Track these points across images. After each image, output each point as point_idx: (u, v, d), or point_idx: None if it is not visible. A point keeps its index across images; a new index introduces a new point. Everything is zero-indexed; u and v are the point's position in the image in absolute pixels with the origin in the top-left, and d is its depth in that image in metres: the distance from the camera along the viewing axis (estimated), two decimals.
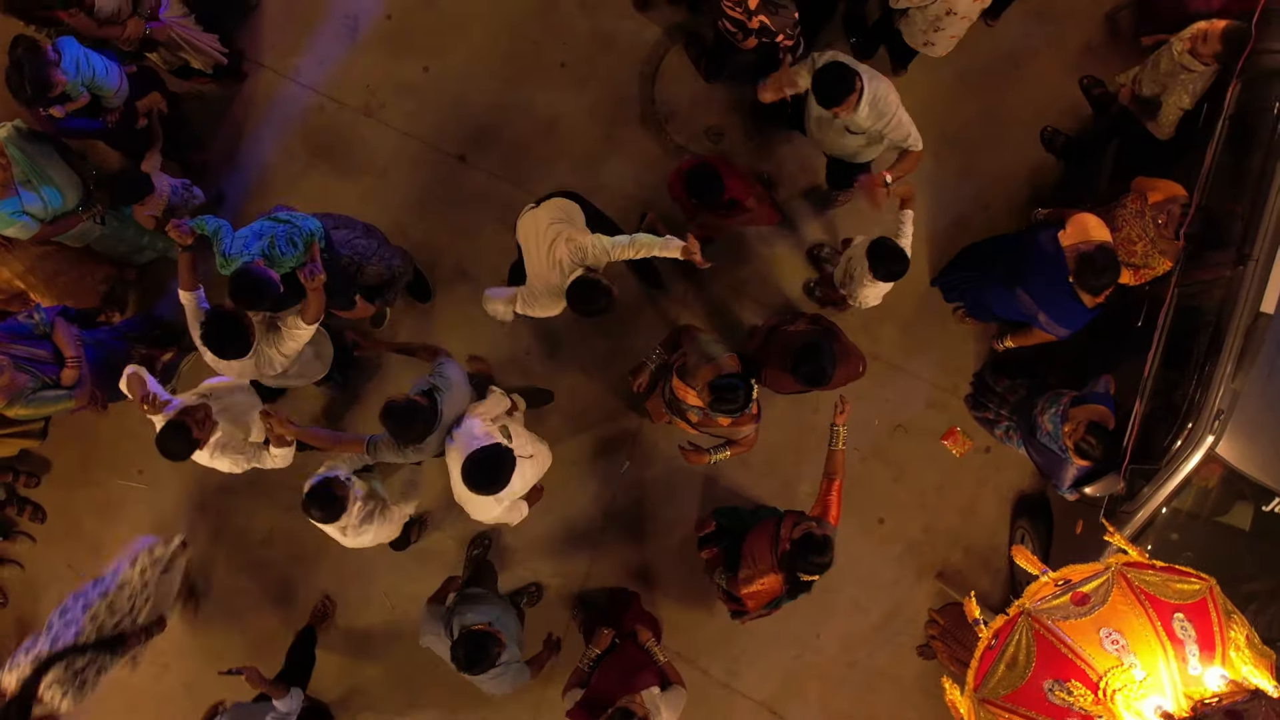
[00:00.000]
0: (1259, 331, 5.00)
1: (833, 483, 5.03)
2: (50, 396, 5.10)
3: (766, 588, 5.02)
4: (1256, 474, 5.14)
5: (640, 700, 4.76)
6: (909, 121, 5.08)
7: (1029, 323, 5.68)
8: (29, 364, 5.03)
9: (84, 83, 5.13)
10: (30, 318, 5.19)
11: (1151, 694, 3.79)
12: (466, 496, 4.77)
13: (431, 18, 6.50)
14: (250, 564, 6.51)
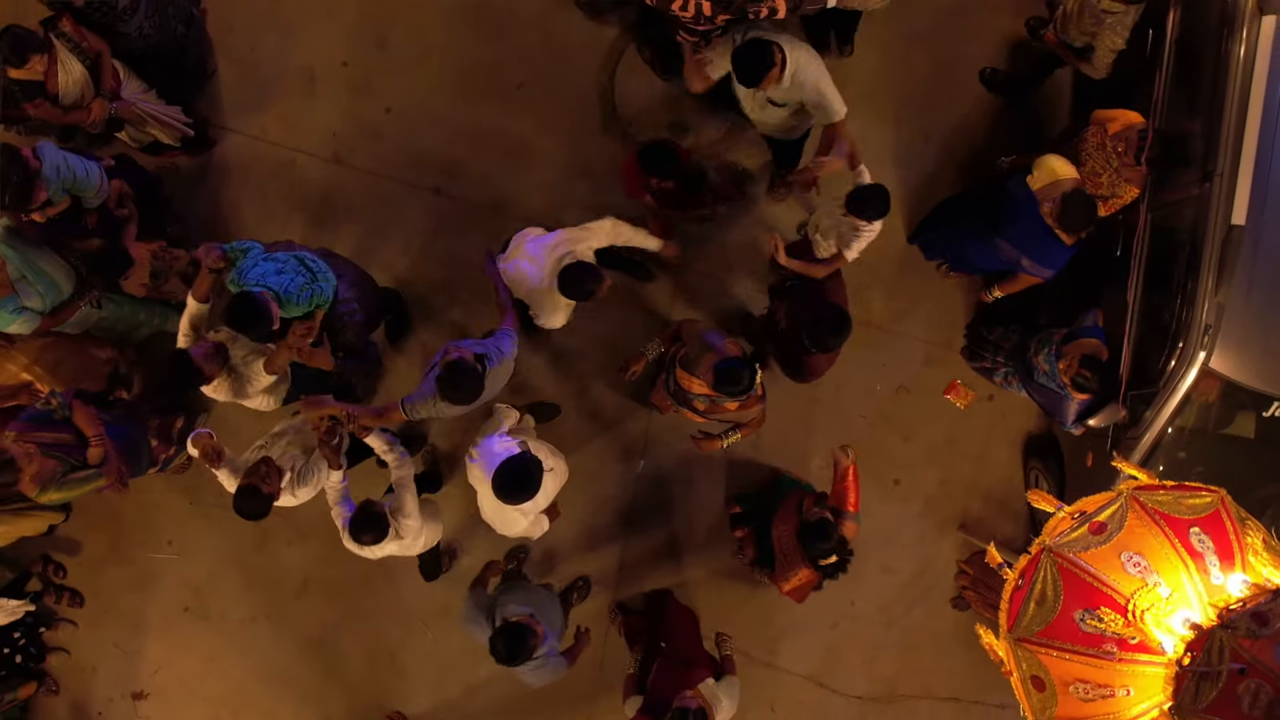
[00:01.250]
0: (1234, 244, 5.10)
1: (846, 473, 5.13)
2: (80, 478, 5.20)
3: (804, 580, 5.14)
4: (1252, 382, 5.26)
5: (699, 693, 4.88)
6: (832, 92, 5.04)
7: (1013, 269, 5.79)
8: (55, 449, 5.12)
9: (65, 187, 5.23)
10: (48, 404, 5.29)
11: (1179, 608, 3.89)
12: (496, 510, 4.87)
13: (386, 58, 6.60)
14: (291, 614, 6.62)
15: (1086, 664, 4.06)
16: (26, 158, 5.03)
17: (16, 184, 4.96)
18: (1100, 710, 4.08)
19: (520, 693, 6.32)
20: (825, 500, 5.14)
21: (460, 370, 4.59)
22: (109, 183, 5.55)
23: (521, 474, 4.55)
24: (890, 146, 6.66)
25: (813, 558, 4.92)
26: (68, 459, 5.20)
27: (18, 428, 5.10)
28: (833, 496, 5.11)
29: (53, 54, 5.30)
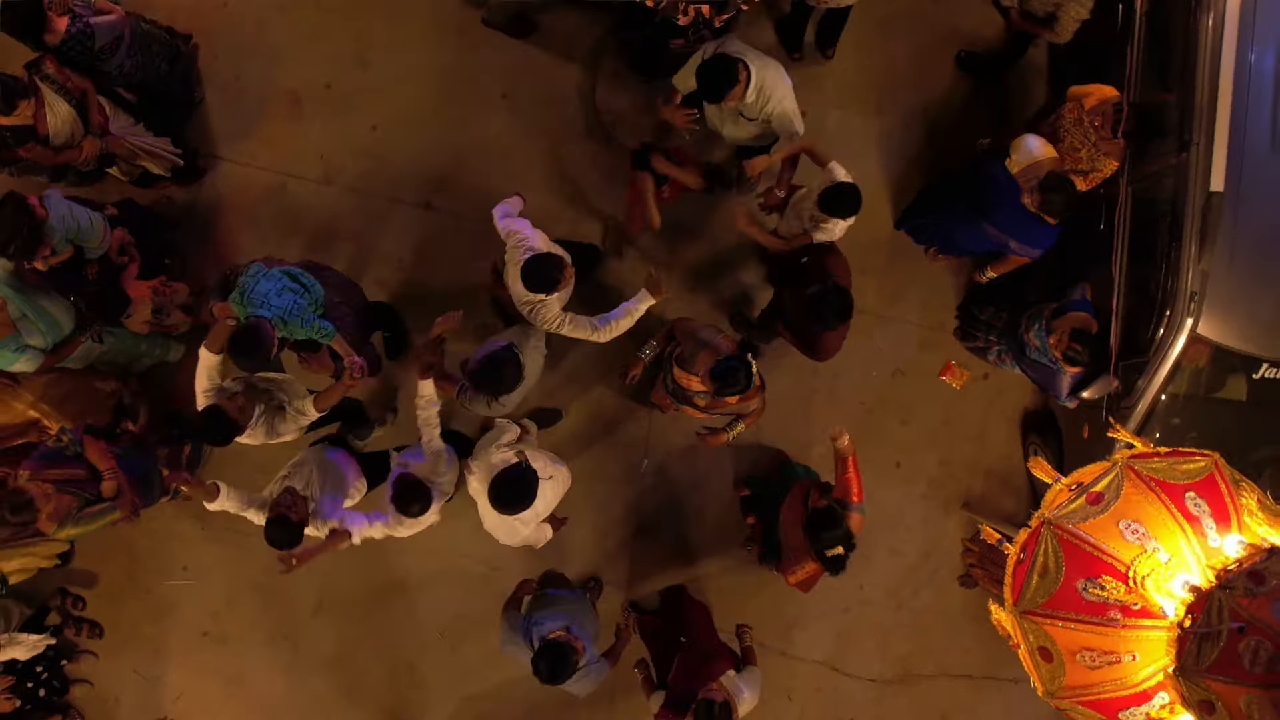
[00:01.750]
0: (1214, 210, 5.18)
1: (846, 463, 5.18)
2: (95, 512, 5.27)
3: (810, 573, 5.20)
4: (1240, 345, 5.33)
5: (721, 686, 4.95)
6: (794, 110, 5.20)
7: (1002, 251, 5.87)
8: (68, 485, 5.20)
9: (69, 237, 5.32)
10: (60, 441, 5.37)
11: (1178, 572, 3.97)
12: (495, 521, 4.95)
13: (369, 77, 6.67)
14: (308, 633, 6.69)
15: (1092, 632, 4.14)
16: (34, 207, 5.12)
17: (24, 233, 5.04)
18: (1108, 676, 4.16)
19: (541, 694, 6.37)
20: (830, 491, 5.21)
21: (494, 362, 4.77)
22: (111, 233, 5.64)
23: (517, 484, 4.62)
24: (872, 135, 6.74)
25: (819, 549, 4.95)
26: (82, 494, 5.28)
27: (31, 466, 5.18)
28: (837, 488, 5.17)
29: (39, 97, 5.37)
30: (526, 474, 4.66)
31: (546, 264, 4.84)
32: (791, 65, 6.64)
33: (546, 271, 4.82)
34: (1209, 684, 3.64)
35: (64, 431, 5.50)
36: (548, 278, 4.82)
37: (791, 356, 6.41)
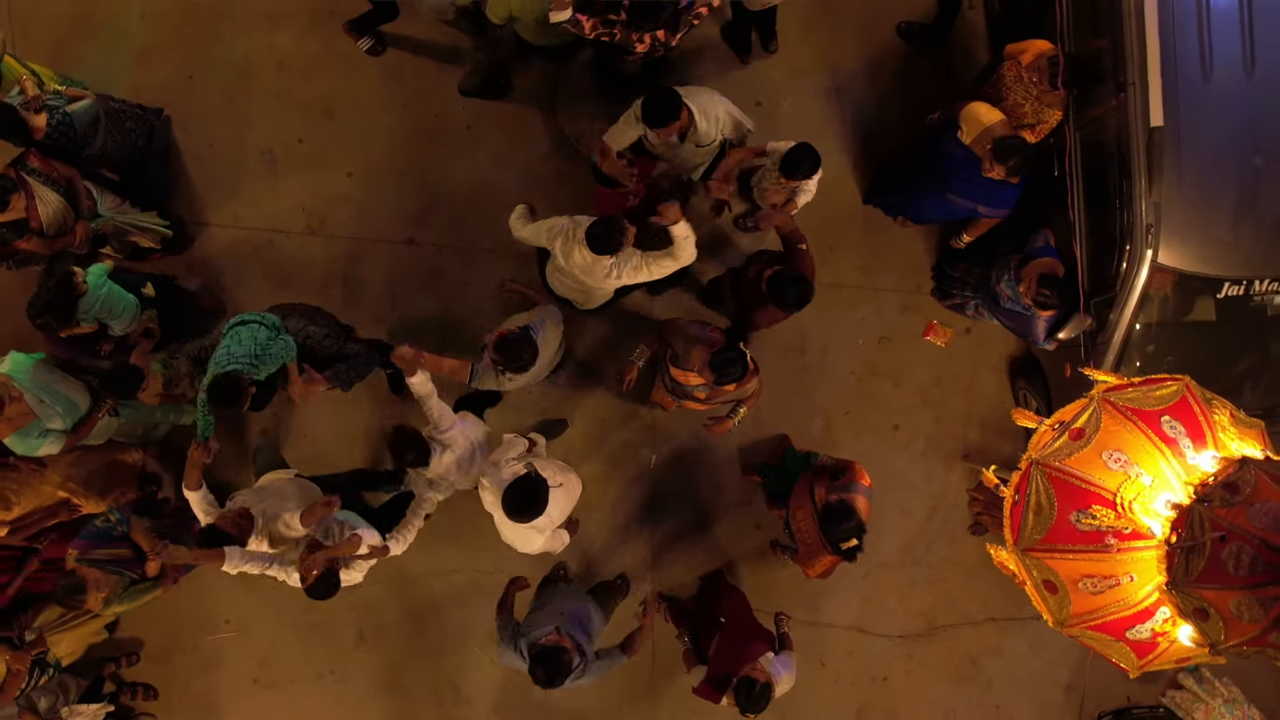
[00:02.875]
0: (1157, 144, 5.42)
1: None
2: (139, 590, 5.53)
3: (828, 565, 5.40)
4: (1201, 268, 5.59)
5: (760, 667, 5.20)
6: (740, 113, 5.47)
7: (974, 217, 6.11)
8: (114, 565, 5.44)
9: (98, 315, 5.56)
10: (107, 520, 5.60)
11: (1161, 493, 4.21)
12: (512, 532, 5.16)
13: (337, 126, 6.89)
14: (353, 666, 6.92)
15: (1090, 560, 4.38)
16: (78, 282, 5.37)
17: (60, 308, 5.32)
18: (1111, 599, 4.40)
19: (582, 695, 6.64)
20: (836, 477, 5.38)
21: (513, 341, 5.03)
22: (140, 316, 5.86)
23: (528, 493, 4.82)
24: (828, 115, 6.99)
25: (834, 542, 5.15)
26: (128, 573, 5.52)
27: (80, 546, 5.43)
28: (844, 476, 5.36)
29: (28, 190, 5.58)
30: (536, 483, 4.87)
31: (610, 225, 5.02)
32: (743, 66, 6.92)
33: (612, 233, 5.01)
34: (1200, 593, 3.89)
35: (112, 512, 5.74)
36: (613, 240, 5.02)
37: (777, 337, 6.70)
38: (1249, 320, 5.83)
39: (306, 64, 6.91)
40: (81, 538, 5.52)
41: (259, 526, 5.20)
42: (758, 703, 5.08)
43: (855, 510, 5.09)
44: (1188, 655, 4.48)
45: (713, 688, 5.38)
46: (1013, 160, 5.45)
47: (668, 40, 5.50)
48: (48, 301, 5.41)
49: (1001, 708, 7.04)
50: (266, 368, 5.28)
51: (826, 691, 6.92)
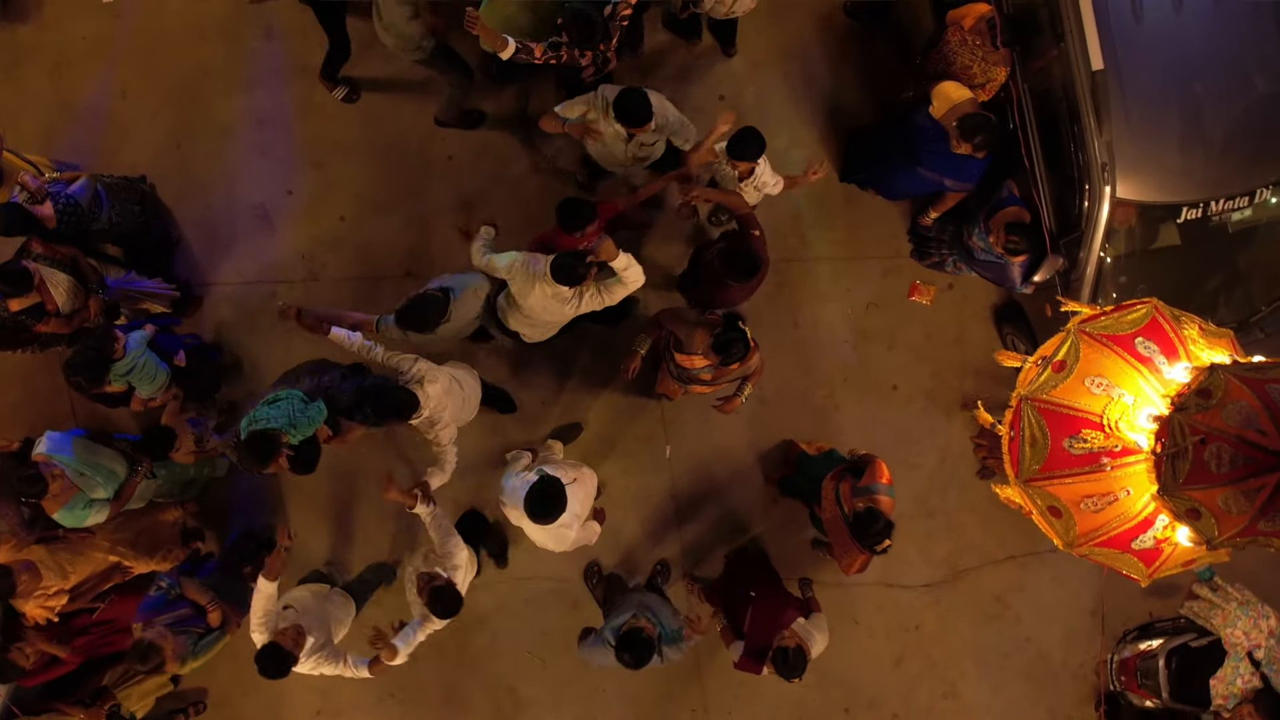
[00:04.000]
0: (1100, 87, 5.72)
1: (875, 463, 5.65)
2: (208, 642, 5.83)
3: (861, 562, 5.66)
4: (1159, 197, 5.89)
5: (793, 633, 5.50)
6: (678, 116, 5.78)
7: (943, 191, 6.41)
8: (179, 625, 5.73)
9: (130, 379, 5.84)
10: (159, 588, 5.89)
11: (1143, 408, 4.52)
12: (543, 535, 5.43)
13: (324, 174, 7.17)
14: (411, 685, 7.20)
15: (1087, 481, 4.70)
16: (118, 346, 5.68)
17: (96, 366, 5.62)
18: (1111, 515, 4.72)
19: (635, 684, 6.93)
20: (859, 481, 5.56)
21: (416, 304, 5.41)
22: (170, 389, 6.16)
23: (545, 494, 5.06)
24: (790, 100, 7.28)
25: (867, 545, 5.40)
26: (193, 630, 5.82)
27: (142, 618, 5.71)
28: (865, 477, 5.58)
29: (39, 275, 5.87)
30: (549, 483, 5.11)
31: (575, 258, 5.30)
32: (693, 51, 7.26)
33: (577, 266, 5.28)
34: (1189, 494, 4.20)
35: (161, 579, 6.02)
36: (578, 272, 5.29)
37: (771, 315, 7.02)
38: (1212, 240, 6.13)
39: (286, 119, 7.20)
40: (142, 610, 5.80)
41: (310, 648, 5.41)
42: (795, 668, 5.36)
43: (882, 513, 5.32)
44: (1191, 557, 4.79)
45: (752, 659, 5.67)
46: (978, 136, 5.76)
47: (607, 51, 5.84)
48: (84, 361, 5.68)
49: (1031, 639, 7.33)
50: (302, 431, 5.48)
51: (863, 647, 7.21)
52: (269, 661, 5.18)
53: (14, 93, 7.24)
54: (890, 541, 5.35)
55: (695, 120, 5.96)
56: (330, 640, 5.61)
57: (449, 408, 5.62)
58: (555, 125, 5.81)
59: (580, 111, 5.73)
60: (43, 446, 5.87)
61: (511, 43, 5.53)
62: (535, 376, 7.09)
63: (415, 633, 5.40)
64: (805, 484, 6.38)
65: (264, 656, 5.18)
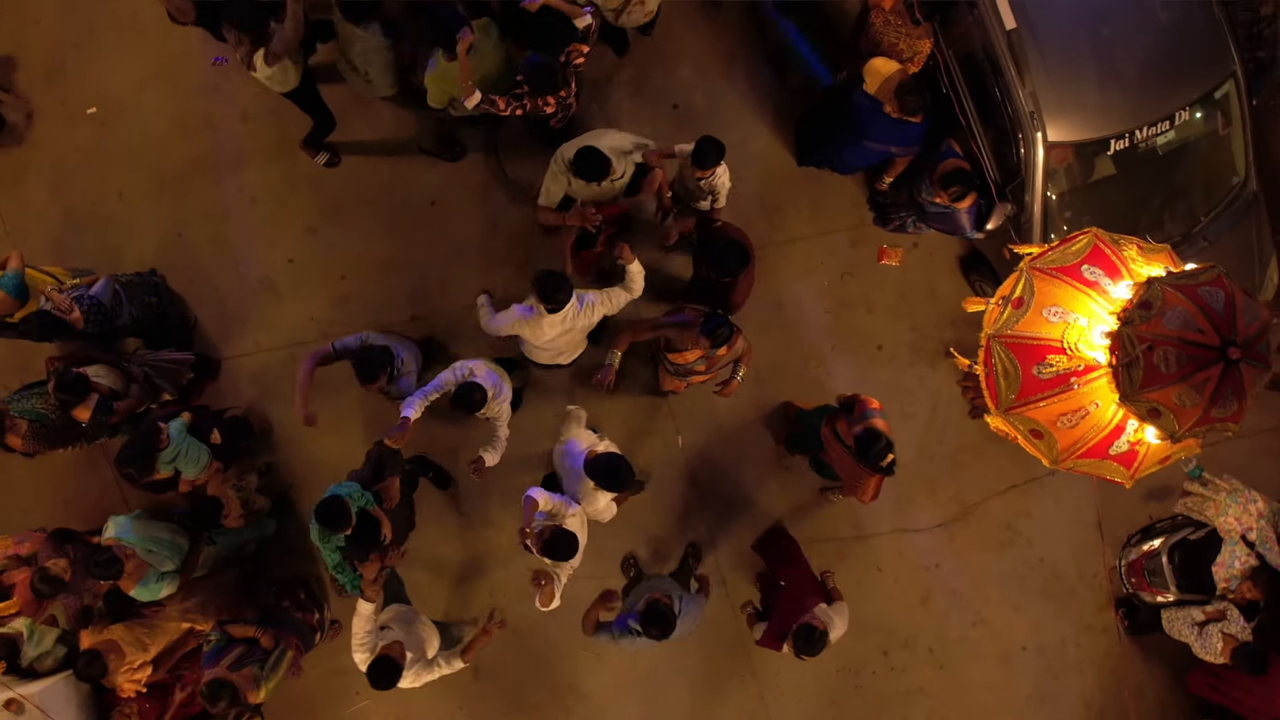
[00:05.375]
0: (1016, 43, 6.25)
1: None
2: (273, 663, 6.30)
3: (873, 485, 6.17)
4: (1087, 134, 6.42)
5: (816, 616, 5.99)
6: (637, 137, 6.26)
7: (888, 158, 6.91)
8: (239, 662, 6.19)
9: (176, 465, 6.30)
10: (209, 641, 6.38)
11: (1096, 327, 5.00)
12: (600, 501, 6.02)
13: (320, 240, 7.65)
14: (478, 697, 7.67)
15: (1059, 401, 5.20)
16: (162, 438, 6.12)
17: (145, 457, 6.07)
18: (1086, 428, 5.22)
19: (683, 659, 7.41)
20: (853, 414, 6.06)
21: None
22: (210, 465, 6.61)
23: (611, 464, 5.72)
24: (739, 97, 7.78)
25: (873, 464, 5.89)
26: (253, 660, 6.28)
27: (206, 669, 6.16)
28: (856, 410, 6.07)
29: (87, 375, 6.35)
30: (613, 457, 5.77)
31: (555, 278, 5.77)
32: (639, 67, 7.75)
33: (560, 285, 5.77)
34: (1147, 396, 4.70)
35: (208, 637, 6.47)
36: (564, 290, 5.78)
37: (754, 301, 7.45)
38: (1145, 164, 6.64)
39: (276, 193, 7.69)
40: (204, 665, 6.26)
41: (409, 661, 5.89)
42: (815, 646, 5.84)
43: (880, 431, 5.83)
44: (1164, 453, 5.29)
45: (774, 638, 6.17)
46: (913, 100, 6.24)
47: (569, 97, 6.36)
48: (133, 454, 6.15)
49: (1044, 559, 7.83)
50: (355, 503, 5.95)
51: (890, 591, 7.70)
52: (381, 673, 5.67)
53: (18, 210, 7.72)
54: (894, 456, 5.84)
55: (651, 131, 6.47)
56: (424, 655, 6.08)
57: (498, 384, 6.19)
58: (554, 217, 6.32)
59: (561, 187, 6.21)
60: (110, 531, 6.34)
61: (477, 93, 6.03)
62: (545, 388, 7.60)
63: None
64: (806, 435, 6.85)
65: (376, 669, 5.67)
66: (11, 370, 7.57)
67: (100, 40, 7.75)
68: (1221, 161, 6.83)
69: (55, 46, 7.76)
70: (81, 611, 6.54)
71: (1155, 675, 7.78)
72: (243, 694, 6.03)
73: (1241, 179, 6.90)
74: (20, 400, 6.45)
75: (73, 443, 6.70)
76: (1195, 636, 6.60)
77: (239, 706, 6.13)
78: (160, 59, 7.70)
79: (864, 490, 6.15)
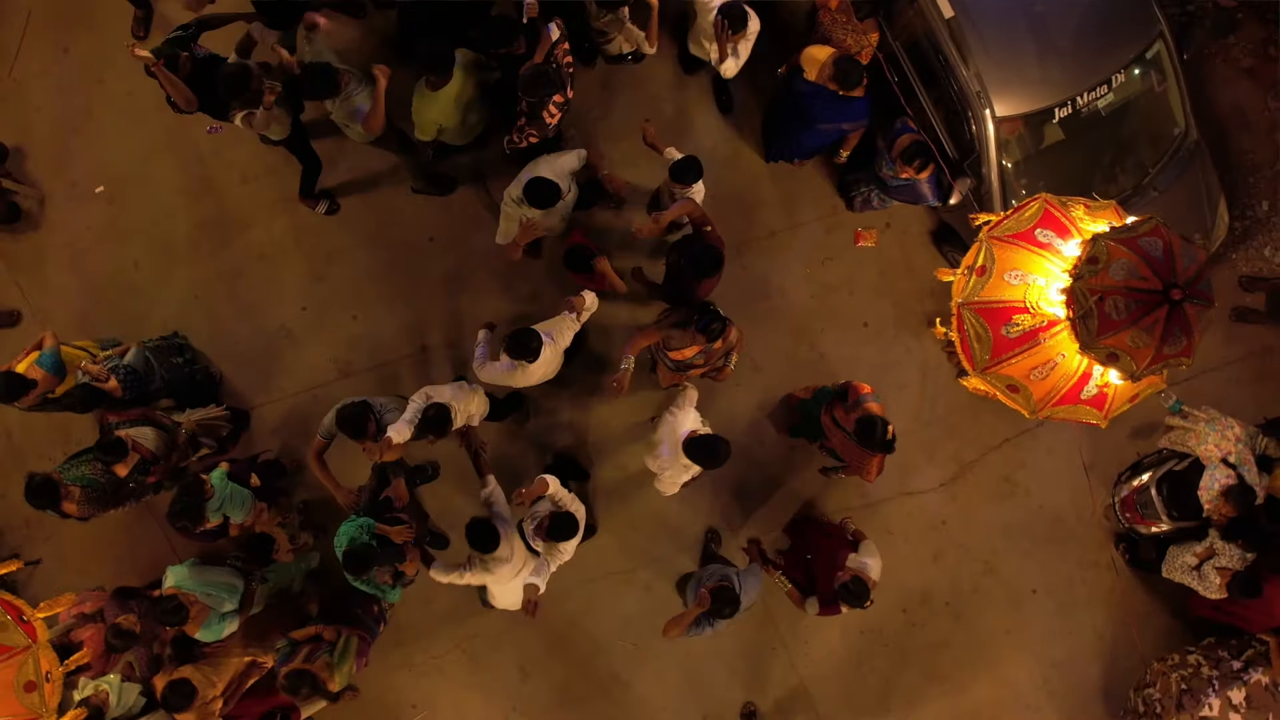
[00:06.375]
0: (957, 29, 6.73)
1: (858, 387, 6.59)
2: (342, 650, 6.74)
3: (876, 464, 6.59)
4: (1032, 105, 6.91)
5: (849, 569, 6.47)
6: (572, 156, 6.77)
7: (842, 134, 7.36)
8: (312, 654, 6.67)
9: (225, 511, 6.74)
10: (278, 649, 6.83)
11: (1052, 285, 5.45)
12: (685, 474, 6.61)
13: (328, 284, 8.10)
14: (529, 698, 8.08)
15: (1029, 356, 5.65)
16: (207, 490, 6.56)
17: (194, 509, 6.48)
18: (1056, 378, 5.67)
19: (717, 639, 7.81)
20: (848, 401, 6.50)
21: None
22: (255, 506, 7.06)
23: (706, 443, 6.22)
24: (705, 105, 8.25)
25: (877, 447, 6.30)
26: (322, 651, 6.71)
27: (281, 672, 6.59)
28: (850, 396, 6.51)
29: (129, 439, 6.76)
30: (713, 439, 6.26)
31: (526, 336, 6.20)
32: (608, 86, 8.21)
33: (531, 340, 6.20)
34: (1104, 343, 5.15)
35: (277, 646, 6.92)
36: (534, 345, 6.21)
37: (742, 295, 7.96)
38: (1091, 126, 7.12)
39: (282, 247, 8.15)
40: (279, 667, 6.70)
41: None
42: (861, 596, 6.30)
43: (876, 415, 6.27)
44: (1132, 392, 5.74)
45: (829, 606, 6.62)
46: (850, 75, 6.68)
47: (566, 101, 6.79)
48: (183, 508, 6.57)
49: (1044, 505, 8.27)
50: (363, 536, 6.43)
51: (902, 552, 8.13)
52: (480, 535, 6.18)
53: (41, 291, 8.18)
54: (893, 433, 6.26)
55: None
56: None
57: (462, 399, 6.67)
58: (515, 250, 6.74)
59: (514, 224, 6.65)
60: (170, 580, 6.78)
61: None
62: (552, 393, 7.99)
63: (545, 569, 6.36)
64: (809, 424, 7.29)
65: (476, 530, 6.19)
66: (54, 442, 8.04)
67: (100, 122, 8.22)
68: (1162, 116, 7.30)
69: (58, 133, 8.23)
70: (153, 660, 7.00)
71: (1159, 603, 8.21)
72: (321, 681, 6.48)
73: (1182, 129, 7.37)
74: (70, 469, 6.87)
75: (122, 503, 7.10)
76: (1195, 579, 7.02)
77: (319, 693, 6.58)
78: (158, 133, 8.15)
79: (868, 469, 6.57)
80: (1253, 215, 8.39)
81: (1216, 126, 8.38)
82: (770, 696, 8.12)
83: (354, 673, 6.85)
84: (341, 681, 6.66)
